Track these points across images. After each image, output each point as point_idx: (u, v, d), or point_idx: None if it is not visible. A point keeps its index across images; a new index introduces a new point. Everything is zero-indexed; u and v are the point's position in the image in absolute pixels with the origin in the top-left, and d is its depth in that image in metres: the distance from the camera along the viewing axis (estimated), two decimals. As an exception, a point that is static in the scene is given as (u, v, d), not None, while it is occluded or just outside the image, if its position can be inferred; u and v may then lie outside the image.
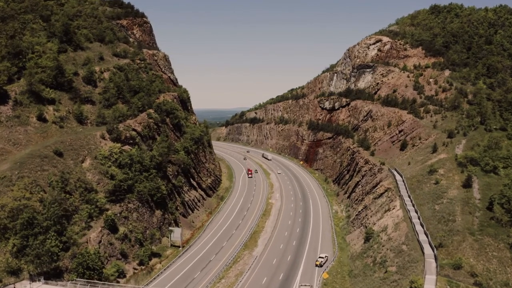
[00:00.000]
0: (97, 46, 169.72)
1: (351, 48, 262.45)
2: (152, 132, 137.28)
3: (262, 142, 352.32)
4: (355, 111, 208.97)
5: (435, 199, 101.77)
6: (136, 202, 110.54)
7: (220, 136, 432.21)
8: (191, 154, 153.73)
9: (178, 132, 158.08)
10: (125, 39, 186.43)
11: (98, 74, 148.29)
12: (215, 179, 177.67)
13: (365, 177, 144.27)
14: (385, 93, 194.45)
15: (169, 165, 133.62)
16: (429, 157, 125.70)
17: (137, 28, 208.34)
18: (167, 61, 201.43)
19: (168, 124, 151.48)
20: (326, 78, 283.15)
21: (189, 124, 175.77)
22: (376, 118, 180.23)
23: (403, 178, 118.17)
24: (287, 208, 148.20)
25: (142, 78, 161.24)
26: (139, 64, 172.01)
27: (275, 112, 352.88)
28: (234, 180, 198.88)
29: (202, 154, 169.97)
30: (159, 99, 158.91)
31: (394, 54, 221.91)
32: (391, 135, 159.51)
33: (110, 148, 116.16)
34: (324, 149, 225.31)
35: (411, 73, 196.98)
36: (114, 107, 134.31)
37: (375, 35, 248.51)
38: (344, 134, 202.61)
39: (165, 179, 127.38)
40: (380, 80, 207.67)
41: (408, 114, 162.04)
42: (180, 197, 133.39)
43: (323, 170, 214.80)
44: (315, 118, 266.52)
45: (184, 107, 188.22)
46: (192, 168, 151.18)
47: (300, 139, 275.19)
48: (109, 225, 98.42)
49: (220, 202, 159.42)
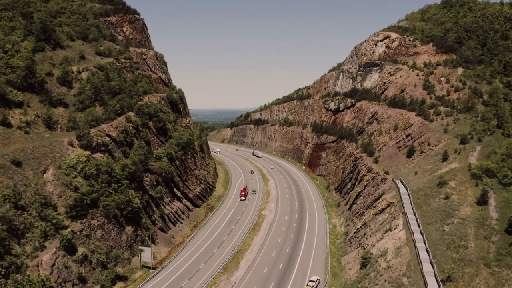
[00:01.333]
0: (79, 45, 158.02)
1: (358, 46, 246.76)
2: (130, 138, 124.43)
3: (266, 144, 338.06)
4: (360, 113, 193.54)
5: (444, 218, 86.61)
6: (101, 218, 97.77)
7: (225, 138, 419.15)
8: (176, 161, 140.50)
9: (163, 137, 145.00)
10: (112, 37, 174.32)
11: (75, 74, 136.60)
12: (206, 187, 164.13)
13: (367, 188, 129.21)
14: (392, 93, 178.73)
15: (147, 174, 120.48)
16: (438, 166, 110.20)
17: (128, 25, 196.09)
18: (158, 60, 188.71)
19: (150, 128, 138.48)
20: (332, 77, 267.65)
21: (179, 127, 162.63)
22: (382, 120, 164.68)
23: (408, 191, 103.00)
24: (280, 221, 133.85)
25: (126, 78, 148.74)
26: (124, 63, 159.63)
27: (280, 113, 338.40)
28: (229, 187, 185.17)
29: (191, 160, 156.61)
30: (143, 100, 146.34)
31: (403, 51, 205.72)
32: (397, 139, 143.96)
33: (77, 156, 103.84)
34: (327, 154, 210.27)
35: (421, 71, 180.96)
36: (89, 110, 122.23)
37: (383, 32, 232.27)
38: (347, 137, 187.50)
39: (141, 190, 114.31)
40: (387, 79, 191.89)
41: (417, 117, 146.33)
42: (159, 209, 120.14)
43: (325, 176, 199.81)
44: (320, 120, 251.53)
45: (174, 109, 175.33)
46: (176, 176, 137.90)
47: (304, 142, 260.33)
48: (65, 245, 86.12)
49: (208, 213, 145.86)
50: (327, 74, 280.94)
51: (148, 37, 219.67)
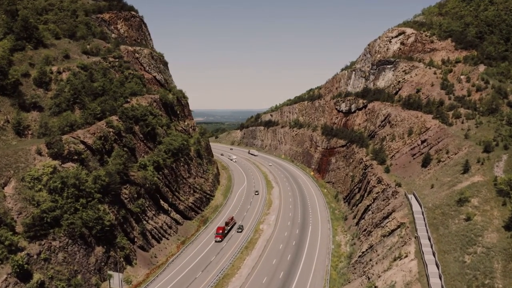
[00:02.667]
0: (65, 43, 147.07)
1: (371, 43, 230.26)
2: (110, 145, 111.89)
3: (276, 147, 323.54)
4: (372, 115, 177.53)
5: (465, 246, 71.10)
6: (64, 238, 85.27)
7: (235, 140, 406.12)
8: (164, 169, 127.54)
9: (151, 143, 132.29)
10: (102, 35, 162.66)
11: (54, 74, 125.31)
12: (201, 197, 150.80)
13: (377, 201, 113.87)
14: (407, 93, 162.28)
15: (126, 185, 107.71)
16: (458, 179, 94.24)
17: (123, 22, 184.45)
18: (153, 59, 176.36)
19: (136, 134, 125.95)
20: (344, 76, 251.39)
21: (172, 131, 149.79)
22: (395, 124, 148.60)
23: (423, 209, 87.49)
24: (278, 238, 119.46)
25: (112, 79, 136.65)
26: (112, 63, 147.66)
27: (290, 114, 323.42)
28: (229, 196, 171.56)
29: (183, 168, 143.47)
30: (130, 103, 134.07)
31: (419, 48, 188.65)
32: (412, 146, 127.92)
33: (43, 167, 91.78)
34: (336, 159, 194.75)
35: (439, 69, 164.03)
36: (65, 113, 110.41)
37: (398, 27, 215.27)
38: (358, 142, 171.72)
39: (117, 204, 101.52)
40: (401, 78, 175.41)
41: (434, 120, 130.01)
42: (140, 225, 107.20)
43: (334, 184, 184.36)
44: (331, 121, 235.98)
45: (169, 112, 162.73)
46: (164, 187, 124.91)
47: (314, 146, 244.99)
48: (18, 271, 74.00)
49: (201, 226, 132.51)
50: (339, 74, 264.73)
51: (147, 35, 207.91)
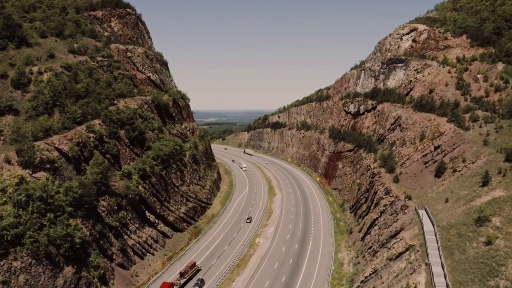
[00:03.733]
0: (51, 42, 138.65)
1: (382, 41, 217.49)
2: (89, 151, 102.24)
3: (283, 150, 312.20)
4: (381, 117, 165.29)
5: (485, 277, 59.32)
6: (27, 258, 75.50)
7: (242, 142, 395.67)
8: (152, 178, 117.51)
9: (139, 148, 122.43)
10: (92, 33, 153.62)
11: (34, 75, 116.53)
12: (196, 206, 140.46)
13: (384, 216, 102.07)
14: (419, 94, 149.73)
15: (105, 197, 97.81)
16: (477, 192, 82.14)
17: (117, 20, 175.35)
18: (148, 58, 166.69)
19: (121, 139, 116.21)
20: (353, 76, 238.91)
21: (165, 136, 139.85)
22: (406, 127, 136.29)
23: (436, 228, 75.69)
24: (274, 254, 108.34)
25: (98, 79, 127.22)
26: (101, 62, 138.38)
27: (298, 116, 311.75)
28: (228, 204, 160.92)
29: (175, 175, 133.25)
30: (117, 105, 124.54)
31: (432, 45, 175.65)
32: (424, 152, 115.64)
33: (8, 177, 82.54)
34: (344, 164, 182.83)
35: (453, 68, 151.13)
36: (42, 118, 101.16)
37: (410, 24, 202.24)
38: (366, 146, 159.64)
39: (92, 218, 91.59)
40: (413, 77, 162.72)
41: (448, 123, 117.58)
42: (120, 241, 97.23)
43: (341, 191, 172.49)
44: (339, 124, 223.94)
45: (163, 114, 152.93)
46: (151, 196, 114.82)
47: (321, 149, 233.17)
48: (-32, 298, 64.51)
49: (192, 239, 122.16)
50: (348, 73, 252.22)
51: (144, 33, 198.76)
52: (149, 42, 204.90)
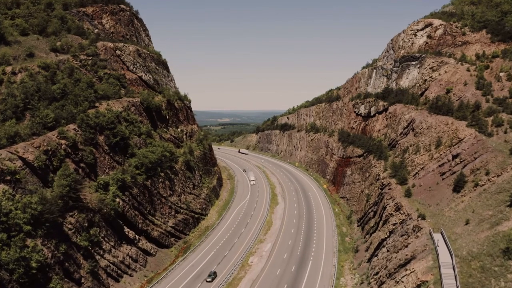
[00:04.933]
0: (33, 40, 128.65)
1: (395, 38, 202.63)
2: (59, 160, 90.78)
3: (291, 153, 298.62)
4: (393, 120, 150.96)
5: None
6: (-32, 289, 64.39)
7: (250, 145, 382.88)
8: (133, 189, 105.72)
9: (121, 156, 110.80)
10: (79, 30, 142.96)
11: (7, 76, 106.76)
12: (187, 218, 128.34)
13: (393, 236, 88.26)
14: (435, 94, 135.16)
15: (73, 212, 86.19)
16: (504, 213, 68.08)
17: (108, 16, 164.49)
18: (140, 57, 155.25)
19: (100, 145, 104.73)
20: (364, 75, 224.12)
21: (154, 141, 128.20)
22: (420, 131, 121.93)
23: (454, 260, 61.88)
24: (267, 278, 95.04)
25: (79, 80, 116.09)
26: (84, 61, 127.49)
27: (307, 117, 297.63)
28: (225, 214, 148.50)
29: (163, 185, 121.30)
30: (99, 107, 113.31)
31: (448, 41, 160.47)
32: (441, 161, 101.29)
33: (-44, 191, 71.66)
34: (352, 171, 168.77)
35: (472, 65, 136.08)
36: (8, 123, 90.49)
37: (424, 19, 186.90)
38: (376, 152, 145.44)
39: (55, 238, 79.83)
40: (428, 76, 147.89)
41: (468, 128, 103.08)
42: (90, 262, 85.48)
43: (349, 201, 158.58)
44: (349, 126, 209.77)
45: (155, 117, 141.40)
46: (131, 210, 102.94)
47: (330, 153, 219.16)
48: None
49: (179, 256, 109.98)
50: (359, 72, 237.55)
51: (140, 31, 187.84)
52: (146, 40, 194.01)
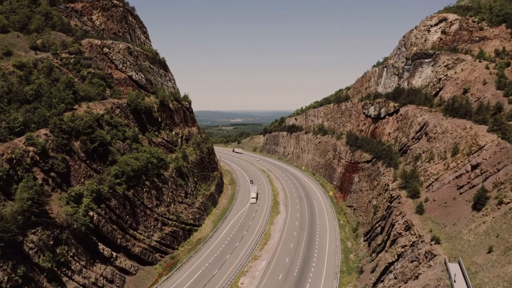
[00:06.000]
0: (12, 37, 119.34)
1: (407, 34, 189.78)
2: (24, 170, 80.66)
3: (299, 156, 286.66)
4: (404, 123, 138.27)
5: None
6: None
7: (257, 146, 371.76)
8: (111, 200, 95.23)
9: (99, 163, 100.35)
10: (65, 27, 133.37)
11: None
12: (176, 230, 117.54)
13: (402, 261, 76.05)
14: (451, 95, 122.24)
15: (36, 229, 75.89)
16: (538, 242, 55.58)
17: (99, 12, 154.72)
18: (131, 55, 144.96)
19: (75, 152, 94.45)
20: (375, 74, 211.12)
21: (141, 146, 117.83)
22: (434, 136, 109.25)
23: (475, 301, 49.79)
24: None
25: (57, 80, 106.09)
26: (66, 60, 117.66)
27: (315, 118, 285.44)
28: (221, 224, 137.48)
29: (148, 195, 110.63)
30: (77, 110, 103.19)
31: (465, 37, 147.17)
32: (458, 172, 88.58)
33: None
34: (360, 178, 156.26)
35: (492, 63, 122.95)
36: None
37: (438, 14, 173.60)
38: (385, 158, 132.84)
39: (14, 258, 69.55)
40: (443, 75, 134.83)
41: (489, 134, 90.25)
42: (54, 285, 75.07)
43: (356, 211, 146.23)
44: (358, 128, 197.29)
45: (145, 120, 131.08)
46: (108, 224, 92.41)
47: (337, 157, 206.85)
48: None
49: (162, 275, 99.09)
50: (369, 71, 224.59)
51: (136, 28, 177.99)
52: (142, 38, 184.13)
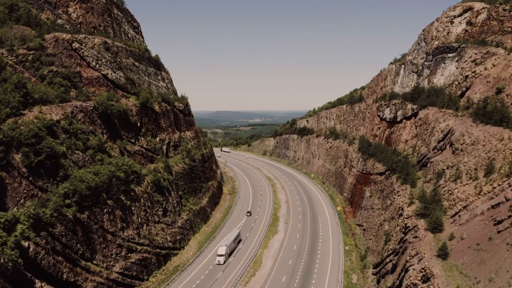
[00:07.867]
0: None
1: (427, 28, 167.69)
2: None
3: (309, 161, 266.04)
4: (424, 128, 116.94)
5: None
6: None
7: (267, 150, 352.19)
8: (56, 226, 77.20)
9: (48, 180, 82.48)
10: (30, 20, 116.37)
11: None
12: (148, 257, 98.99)
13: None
14: (481, 95, 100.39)
15: None
16: None
17: (77, 5, 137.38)
18: (108, 51, 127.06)
19: (15, 167, 76.74)
20: (391, 72, 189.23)
21: (105, 157, 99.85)
22: (462, 148, 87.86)
23: None
24: None
25: (5, 80, 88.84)
26: (23, 57, 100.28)
27: (327, 121, 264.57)
28: (208, 245, 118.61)
29: (109, 217, 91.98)
30: (27, 115, 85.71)
31: (494, 28, 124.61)
32: (494, 199, 67.19)
33: None
34: (371, 192, 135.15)
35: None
36: None
37: (462, 3, 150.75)
38: (400, 172, 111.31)
39: None
40: (470, 71, 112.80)
41: (537, 148, 68.78)
42: None
43: (366, 232, 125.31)
44: (371, 133, 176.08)
45: (117, 126, 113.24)
46: (50, 256, 74.37)
47: (348, 165, 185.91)
48: None
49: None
50: (385, 69, 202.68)
51: (122, 22, 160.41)
52: (131, 33, 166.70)
